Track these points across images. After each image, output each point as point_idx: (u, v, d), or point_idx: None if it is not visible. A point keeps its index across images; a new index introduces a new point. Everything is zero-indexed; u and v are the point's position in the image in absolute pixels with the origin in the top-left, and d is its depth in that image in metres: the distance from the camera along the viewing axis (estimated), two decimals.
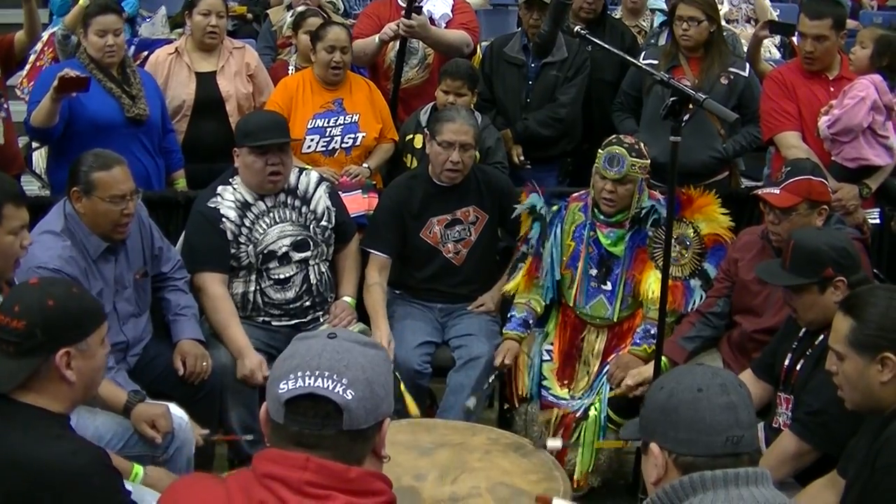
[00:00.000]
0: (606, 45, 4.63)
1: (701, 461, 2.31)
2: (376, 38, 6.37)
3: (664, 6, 7.21)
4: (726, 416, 2.33)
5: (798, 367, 4.06)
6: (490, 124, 6.14)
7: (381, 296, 5.32)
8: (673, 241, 4.95)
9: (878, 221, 5.87)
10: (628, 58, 4.83)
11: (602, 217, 5.12)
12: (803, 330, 4.11)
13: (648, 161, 5.03)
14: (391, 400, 2.28)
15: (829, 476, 3.56)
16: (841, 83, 5.65)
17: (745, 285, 4.80)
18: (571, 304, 5.19)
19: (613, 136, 5.12)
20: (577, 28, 4.54)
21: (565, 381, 5.09)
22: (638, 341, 5.03)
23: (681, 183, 5.02)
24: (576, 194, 5.34)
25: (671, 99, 4.02)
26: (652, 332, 4.85)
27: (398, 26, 6.18)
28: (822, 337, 3.95)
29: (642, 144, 5.05)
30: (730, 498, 2.26)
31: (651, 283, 5.01)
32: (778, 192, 4.60)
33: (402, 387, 4.74)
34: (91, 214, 4.45)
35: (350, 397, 2.15)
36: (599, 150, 5.03)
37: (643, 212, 5.07)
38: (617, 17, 7.42)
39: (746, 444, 2.34)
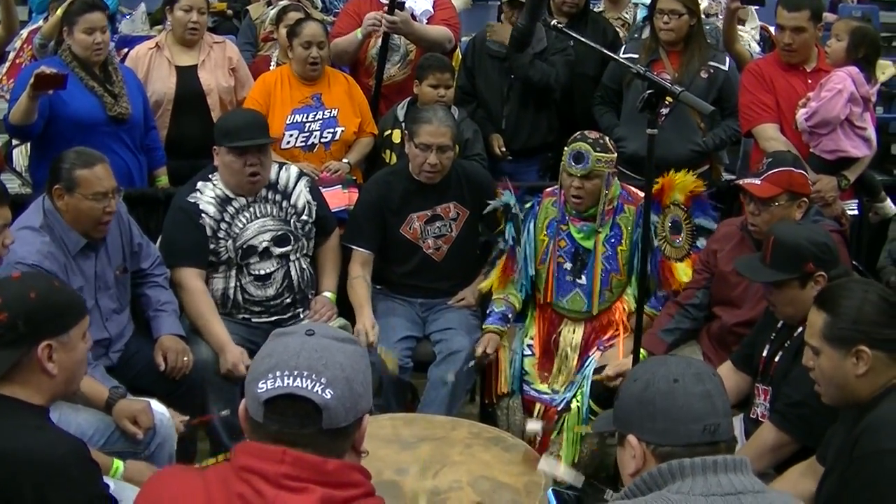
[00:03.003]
0: (584, 40, 4.65)
1: (679, 450, 2.32)
2: (358, 32, 6.37)
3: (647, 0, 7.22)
4: (703, 404, 2.34)
5: (776, 359, 4.08)
6: (467, 117, 6.16)
7: (365, 288, 5.32)
8: (668, 228, 5.01)
9: (856, 213, 5.91)
10: (605, 51, 4.85)
11: (574, 212, 5.13)
12: (781, 321, 4.13)
13: (615, 155, 5.06)
14: (370, 396, 2.29)
15: (807, 462, 3.59)
16: (818, 75, 5.67)
17: (724, 277, 4.81)
18: (548, 299, 5.21)
19: (578, 132, 5.12)
20: (553, 22, 4.55)
21: (545, 375, 5.10)
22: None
23: (660, 176, 5.05)
24: (549, 189, 5.35)
25: (648, 92, 4.05)
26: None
27: (379, 18, 6.19)
28: (800, 329, 3.94)
29: (607, 139, 5.07)
30: (708, 484, 2.28)
31: (682, 274, 5.07)
32: (759, 182, 4.61)
33: (380, 349, 4.74)
34: (73, 212, 4.44)
35: (329, 397, 2.16)
36: (566, 148, 5.05)
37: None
38: (599, 10, 7.41)
39: (723, 433, 2.36)
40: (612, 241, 5.12)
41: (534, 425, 4.18)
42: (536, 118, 6.55)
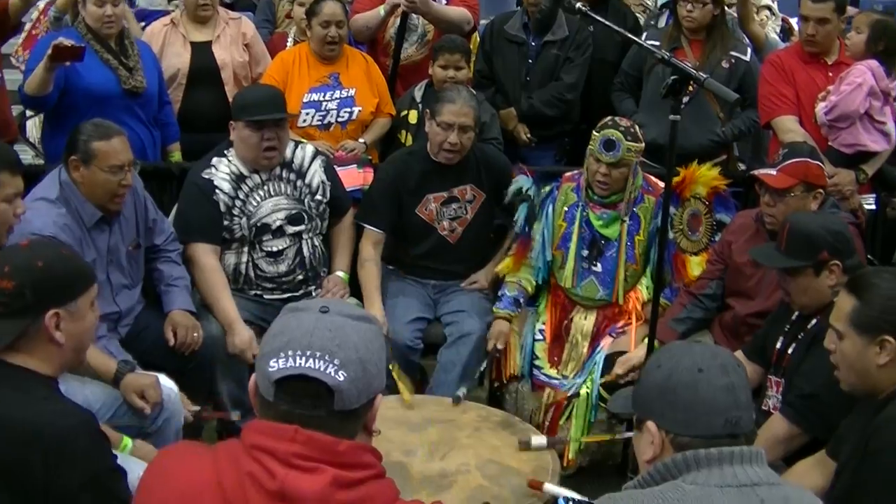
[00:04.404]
0: (607, 23, 4.61)
1: (699, 441, 2.30)
2: (381, 9, 6.36)
3: None
4: (726, 397, 2.31)
5: (790, 351, 4.07)
6: (485, 100, 6.13)
7: (375, 272, 5.30)
8: (688, 221, 4.99)
9: (873, 207, 5.87)
10: (630, 35, 4.80)
11: (595, 198, 5.11)
12: (796, 313, 4.11)
13: (643, 144, 5.03)
14: (383, 376, 2.25)
15: (817, 456, 3.57)
16: (839, 68, 5.63)
17: (739, 268, 4.79)
18: (563, 285, 5.19)
19: (609, 118, 5.10)
20: (578, 5, 4.52)
21: (556, 360, 5.09)
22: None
23: (679, 165, 5.03)
24: (568, 174, 5.33)
25: (672, 77, 4.02)
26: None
27: None
28: (814, 321, 3.96)
29: (637, 127, 5.04)
30: (723, 475, 2.26)
31: (695, 268, 5.07)
32: (775, 173, 4.60)
33: (396, 373, 4.70)
34: (89, 184, 4.44)
35: (342, 379, 2.12)
36: (595, 133, 5.01)
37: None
38: None
39: (745, 425, 2.34)
40: (631, 230, 5.10)
41: (539, 440, 4.13)
42: None
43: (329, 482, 2.10)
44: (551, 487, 3.66)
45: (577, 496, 3.70)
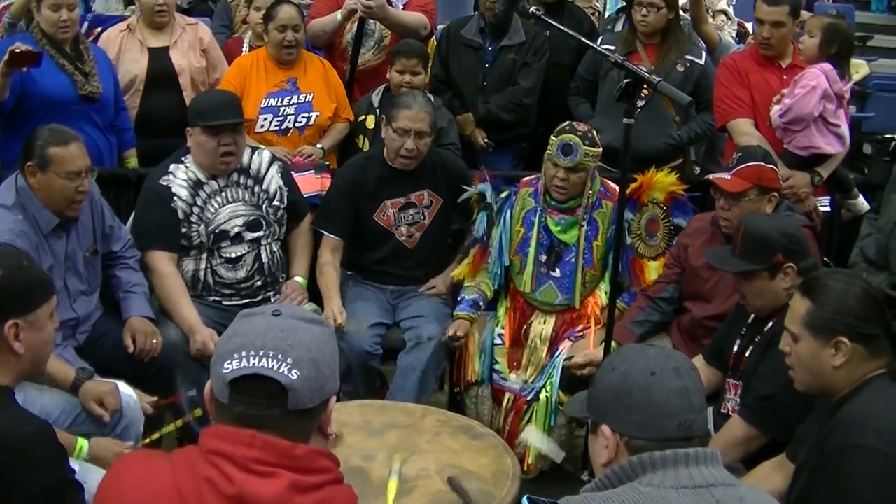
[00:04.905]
0: (562, 27, 4.65)
1: (653, 444, 2.31)
2: (337, 14, 6.35)
3: None
4: (679, 400, 2.33)
5: (747, 354, 4.10)
6: (442, 105, 6.13)
7: (333, 275, 5.30)
8: (646, 225, 5.02)
9: (828, 209, 5.93)
10: (584, 40, 4.84)
11: (553, 203, 5.12)
12: (752, 316, 4.15)
13: (601, 149, 5.04)
14: (337, 378, 2.27)
15: (777, 459, 3.59)
16: (793, 71, 5.66)
17: (695, 271, 4.83)
18: (521, 290, 5.20)
19: (567, 123, 5.12)
20: (531, 9, 4.54)
21: (515, 365, 5.10)
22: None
23: (635, 169, 5.06)
24: (526, 179, 5.34)
25: (625, 81, 4.06)
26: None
27: (358, 2, 6.17)
28: (770, 323, 3.99)
29: (595, 132, 5.06)
30: (679, 477, 2.27)
31: (652, 273, 5.10)
32: (729, 177, 4.64)
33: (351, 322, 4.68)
34: (46, 190, 4.41)
35: (295, 377, 2.13)
36: (552, 137, 5.03)
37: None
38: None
39: (698, 428, 2.35)
40: (588, 236, 5.12)
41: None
42: None
43: (286, 486, 2.11)
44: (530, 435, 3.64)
45: (553, 453, 3.73)
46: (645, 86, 4.21)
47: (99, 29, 6.78)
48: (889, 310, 3.17)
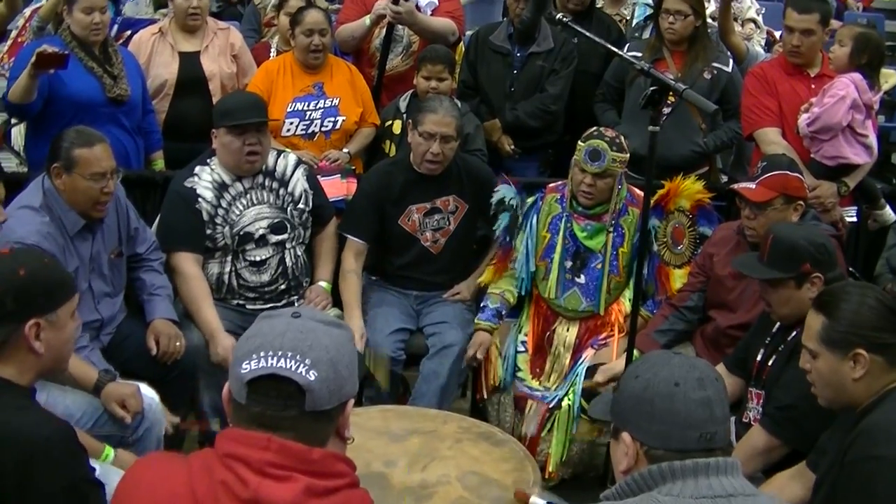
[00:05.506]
0: (588, 34, 4.64)
1: (672, 455, 2.30)
2: (366, 19, 6.38)
3: (650, 0, 7.20)
4: (702, 411, 2.30)
5: (770, 363, 4.08)
6: (469, 111, 6.13)
7: (356, 286, 5.30)
8: (671, 233, 5.00)
9: (855, 219, 5.91)
10: (610, 47, 4.82)
11: (580, 209, 5.11)
12: (776, 325, 4.12)
13: (628, 155, 5.03)
14: (356, 380, 2.27)
15: (797, 468, 3.58)
16: (822, 81, 5.65)
17: (720, 280, 4.80)
18: (546, 296, 5.19)
19: (594, 128, 5.11)
20: (558, 16, 4.53)
21: (538, 372, 5.09)
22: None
23: (661, 176, 5.05)
24: (552, 185, 5.33)
25: (651, 88, 4.04)
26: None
27: (387, 7, 6.18)
28: (794, 333, 3.96)
29: (623, 138, 5.04)
30: (699, 487, 2.25)
31: (678, 281, 5.08)
32: (754, 186, 4.62)
33: (372, 360, 4.68)
34: (71, 191, 4.43)
35: (313, 378, 2.14)
36: (580, 143, 5.01)
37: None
38: (598, 6, 7.41)
39: (720, 440, 2.33)
40: (615, 242, 5.11)
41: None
42: None
43: (302, 490, 2.11)
44: (538, 501, 3.65)
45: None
46: (671, 93, 4.19)
47: (129, 32, 6.82)
48: None
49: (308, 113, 5.99)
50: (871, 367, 3.11)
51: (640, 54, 5.93)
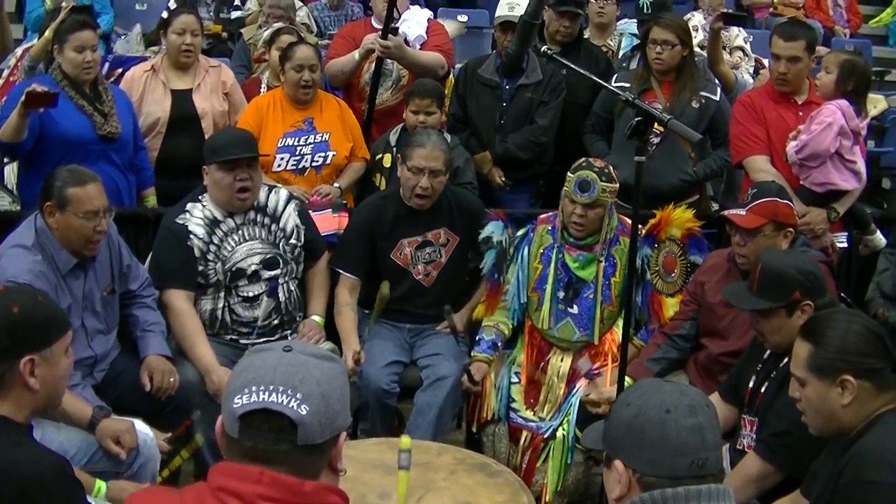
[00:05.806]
0: (573, 66, 4.66)
1: (665, 482, 2.30)
2: (355, 54, 6.41)
3: (636, 31, 7.25)
4: (693, 438, 2.31)
5: (762, 390, 4.08)
6: (459, 144, 6.15)
7: (352, 317, 5.31)
8: (663, 262, 5.01)
9: (845, 245, 5.92)
10: (596, 79, 4.84)
11: (571, 240, 5.13)
12: (768, 352, 4.13)
13: (618, 185, 5.05)
14: (347, 413, 2.27)
15: (792, 495, 3.58)
16: (809, 108, 5.67)
17: (712, 308, 4.82)
18: (539, 327, 5.20)
19: (583, 159, 5.13)
20: (543, 48, 4.56)
21: (532, 403, 5.09)
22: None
23: (652, 205, 5.07)
24: (543, 216, 5.35)
25: (636, 119, 4.06)
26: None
27: (375, 42, 6.21)
28: (786, 359, 3.94)
29: (612, 168, 5.06)
30: None
31: (670, 310, 5.10)
32: (744, 213, 4.64)
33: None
34: (63, 230, 4.45)
35: (304, 412, 2.14)
36: (569, 174, 5.03)
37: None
38: (585, 37, 7.45)
39: (711, 466, 2.33)
40: (607, 272, 5.12)
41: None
42: None
43: None
44: None
45: None
46: (657, 123, 4.22)
47: (120, 70, 6.84)
48: (894, 343, 3.18)
49: (298, 148, 6.00)
50: (860, 392, 3.12)
51: (627, 84, 5.97)
